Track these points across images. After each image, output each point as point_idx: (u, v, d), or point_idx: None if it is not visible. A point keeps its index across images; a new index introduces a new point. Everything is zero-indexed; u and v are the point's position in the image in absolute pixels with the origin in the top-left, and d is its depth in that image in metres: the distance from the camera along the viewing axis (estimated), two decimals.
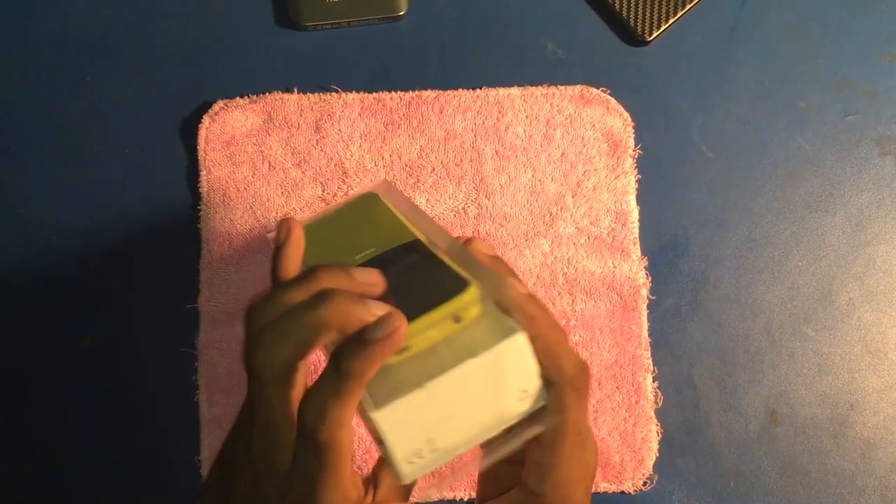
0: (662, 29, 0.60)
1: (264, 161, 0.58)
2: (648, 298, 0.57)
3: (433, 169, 0.58)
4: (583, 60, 0.61)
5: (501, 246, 0.57)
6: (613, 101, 0.59)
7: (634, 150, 0.59)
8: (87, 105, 0.60)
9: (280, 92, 0.59)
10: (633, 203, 0.58)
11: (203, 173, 0.58)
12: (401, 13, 0.60)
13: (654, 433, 0.55)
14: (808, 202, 0.59)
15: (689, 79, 0.61)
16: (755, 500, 0.55)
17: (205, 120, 0.58)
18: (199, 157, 0.58)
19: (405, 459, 0.31)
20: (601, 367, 0.56)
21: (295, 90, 0.59)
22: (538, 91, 0.59)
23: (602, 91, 0.59)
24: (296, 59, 0.61)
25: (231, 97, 0.59)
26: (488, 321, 0.32)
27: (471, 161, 0.58)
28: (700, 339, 0.57)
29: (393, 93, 0.59)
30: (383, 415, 0.30)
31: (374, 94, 0.59)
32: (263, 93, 0.59)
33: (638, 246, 0.58)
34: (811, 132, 0.60)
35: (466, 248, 0.36)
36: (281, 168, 0.58)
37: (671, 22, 0.60)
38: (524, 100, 0.59)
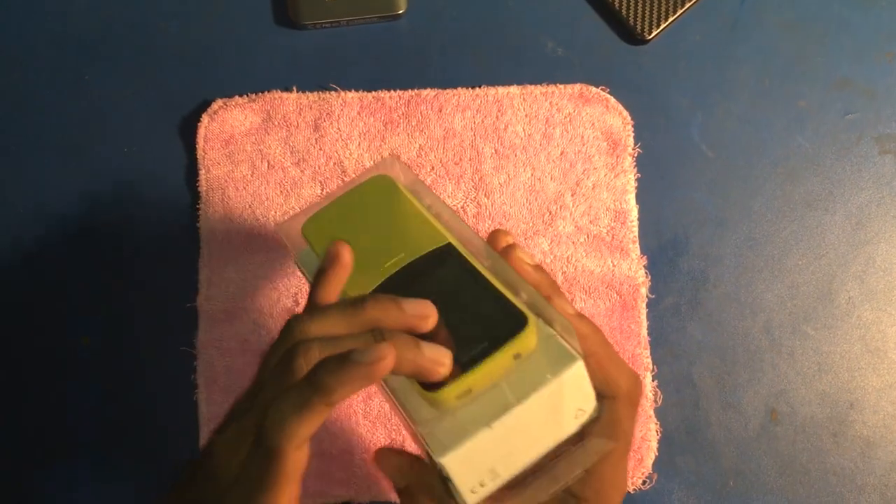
0: (662, 27, 0.60)
1: (263, 160, 0.58)
2: (648, 297, 0.57)
3: (432, 168, 0.58)
4: (582, 59, 0.61)
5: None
6: (613, 100, 0.59)
7: (634, 149, 0.59)
8: (87, 104, 0.60)
9: (279, 91, 0.59)
10: (633, 202, 0.58)
11: (202, 172, 0.58)
12: (400, 12, 0.60)
13: (654, 432, 0.55)
14: (808, 201, 0.59)
15: (689, 77, 0.61)
16: (755, 499, 0.55)
17: (204, 119, 0.58)
18: (199, 156, 0.58)
19: (469, 490, 0.31)
20: None
21: (294, 89, 0.59)
22: (537, 90, 0.59)
23: (601, 90, 0.59)
24: (295, 58, 0.61)
25: (230, 96, 0.59)
26: (544, 348, 0.32)
27: (470, 160, 0.58)
28: (700, 338, 0.57)
29: (392, 91, 0.59)
30: (451, 458, 0.30)
31: (374, 93, 0.59)
32: (262, 91, 0.59)
33: (637, 245, 0.57)
34: (811, 131, 0.60)
35: (504, 258, 0.35)
36: (280, 167, 0.58)
37: (671, 20, 0.60)
38: (523, 98, 0.59)
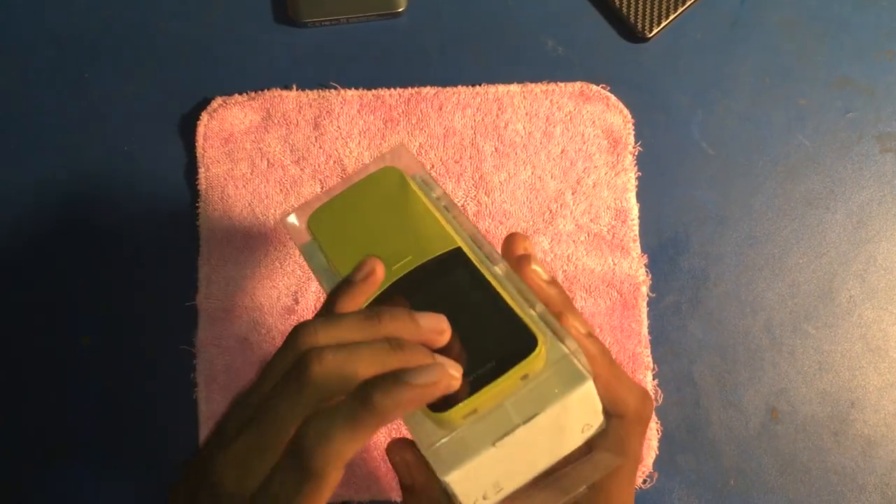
0: (662, 25, 0.60)
1: (263, 158, 0.58)
2: (648, 296, 0.57)
3: (432, 166, 0.58)
4: (583, 57, 0.61)
5: (501, 243, 0.57)
6: (613, 98, 0.59)
7: (634, 147, 0.59)
8: (87, 103, 0.60)
9: (279, 89, 0.59)
10: (633, 200, 0.58)
11: (201, 170, 0.58)
12: (400, 10, 0.60)
13: (655, 431, 0.55)
14: (809, 199, 0.59)
15: (690, 76, 0.61)
16: (755, 498, 0.55)
17: (203, 117, 0.58)
18: (198, 155, 0.58)
19: (473, 503, 0.31)
20: None
21: (294, 87, 0.59)
22: (538, 88, 0.59)
23: (602, 88, 0.59)
24: (295, 56, 0.61)
25: (230, 94, 0.59)
26: (552, 366, 0.31)
27: (470, 158, 0.58)
28: (700, 337, 0.57)
29: (392, 89, 0.59)
30: (455, 476, 0.30)
31: (373, 91, 0.59)
32: (262, 90, 0.59)
33: (638, 243, 0.57)
34: (811, 129, 0.60)
35: (517, 270, 0.34)
36: (280, 165, 0.58)
37: (671, 18, 0.60)
38: (524, 97, 0.59)
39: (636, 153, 0.59)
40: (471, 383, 0.30)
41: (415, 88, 0.59)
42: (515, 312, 0.32)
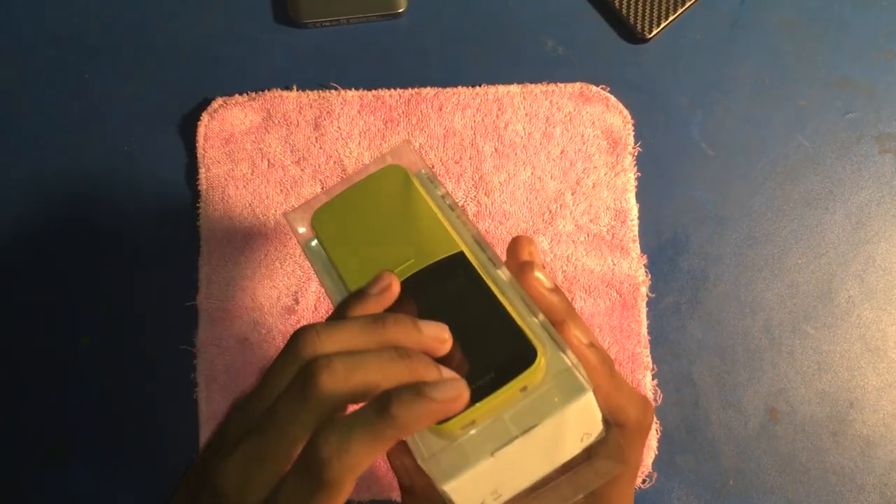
0: (662, 26, 0.60)
1: (263, 158, 0.58)
2: (648, 296, 0.57)
3: (432, 166, 0.58)
4: (582, 58, 0.61)
5: (501, 243, 0.57)
6: (613, 99, 0.59)
7: (634, 148, 0.59)
8: (87, 103, 0.60)
9: (279, 89, 0.59)
10: (633, 201, 0.58)
11: (202, 171, 0.58)
12: (400, 10, 0.60)
13: (654, 431, 0.55)
14: (808, 200, 0.59)
15: (689, 76, 0.61)
16: (754, 498, 0.55)
17: (204, 117, 0.58)
18: (198, 155, 0.58)
19: None
20: None
21: (294, 87, 0.59)
22: (538, 88, 0.59)
23: (602, 89, 0.59)
24: (295, 57, 0.61)
25: (230, 94, 0.59)
26: (552, 377, 0.31)
27: (470, 158, 0.58)
28: (699, 337, 0.57)
29: (392, 90, 0.59)
30: (453, 486, 0.30)
31: (374, 92, 0.59)
32: (262, 90, 0.59)
33: (637, 244, 0.57)
34: (811, 130, 0.60)
35: (520, 277, 0.34)
36: (280, 165, 0.58)
37: (671, 19, 0.60)
38: (524, 97, 0.59)
39: (636, 154, 0.59)
40: (470, 394, 0.30)
41: (415, 89, 0.59)
42: (516, 322, 0.32)
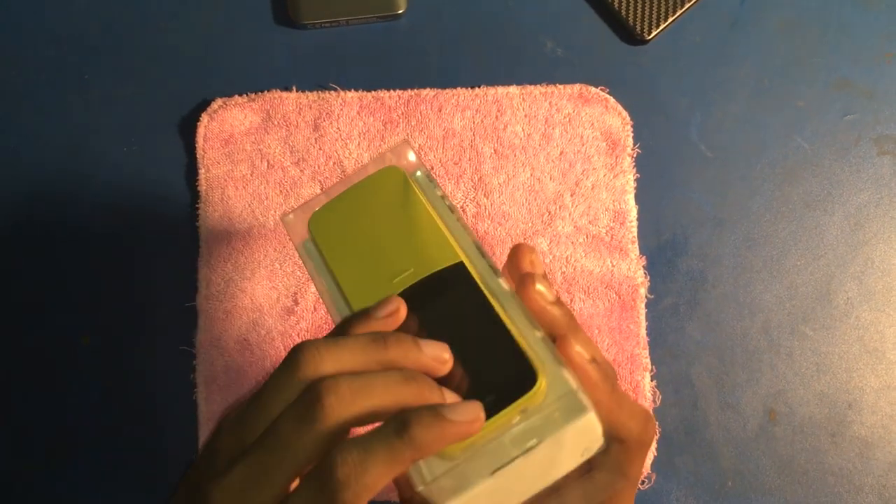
0: (661, 28, 0.60)
1: (263, 159, 0.58)
2: (647, 297, 0.57)
3: (432, 168, 0.58)
4: (582, 59, 0.61)
5: (500, 245, 0.57)
6: (612, 100, 0.59)
7: (633, 149, 0.59)
8: (86, 103, 0.60)
9: (279, 90, 0.59)
10: (632, 202, 0.58)
11: (202, 171, 0.58)
12: (400, 11, 0.60)
13: None
14: (807, 201, 0.59)
15: (688, 78, 0.61)
16: (753, 500, 0.55)
17: (203, 118, 0.59)
18: (198, 156, 0.58)
19: None
20: None
21: (294, 88, 0.59)
22: (537, 90, 0.59)
23: (601, 90, 0.59)
24: (295, 58, 0.61)
25: (230, 95, 0.59)
26: (553, 396, 0.31)
27: (469, 160, 0.58)
28: (698, 339, 0.57)
29: (392, 91, 0.59)
30: None
31: (373, 93, 0.59)
32: (262, 91, 0.59)
33: (636, 245, 0.58)
34: (810, 131, 0.60)
35: (520, 290, 0.33)
36: (279, 166, 0.58)
37: (670, 21, 0.60)
38: (523, 98, 0.59)
39: (635, 155, 0.59)
40: None
41: (414, 90, 0.59)
42: (516, 342, 0.32)
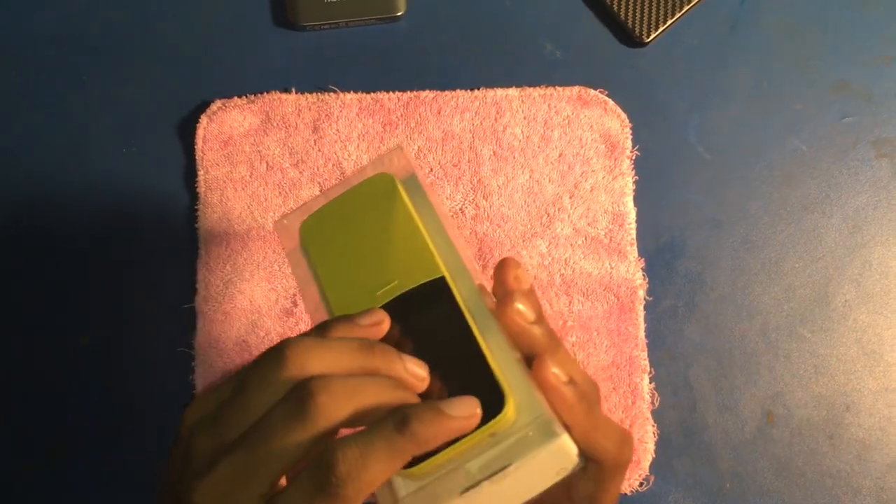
0: (660, 30, 0.60)
1: (262, 161, 0.58)
2: (645, 300, 0.57)
3: (431, 170, 0.58)
4: (581, 61, 0.61)
5: (499, 247, 0.57)
6: (611, 103, 0.59)
7: (632, 152, 0.59)
8: (85, 105, 0.60)
9: (278, 92, 0.59)
10: (631, 204, 0.58)
11: (200, 173, 0.58)
12: (399, 13, 0.60)
13: (651, 434, 0.55)
14: (805, 204, 0.59)
15: (687, 80, 0.61)
16: (751, 502, 0.55)
17: (202, 120, 0.59)
18: (197, 157, 0.58)
19: None
20: (598, 369, 0.56)
21: (293, 90, 0.59)
22: (536, 92, 0.59)
23: (600, 92, 0.59)
24: (294, 59, 0.61)
25: (229, 97, 0.59)
26: (523, 422, 0.31)
27: (468, 162, 0.58)
28: (697, 341, 0.57)
29: (391, 93, 0.59)
30: None
31: (372, 95, 0.59)
32: (261, 93, 0.59)
33: (635, 247, 0.58)
34: (808, 134, 0.60)
35: (501, 308, 0.32)
36: (279, 168, 0.58)
37: (669, 23, 0.60)
38: (522, 101, 0.59)
39: (633, 157, 0.59)
40: None
41: (413, 92, 0.59)
42: (489, 365, 0.32)
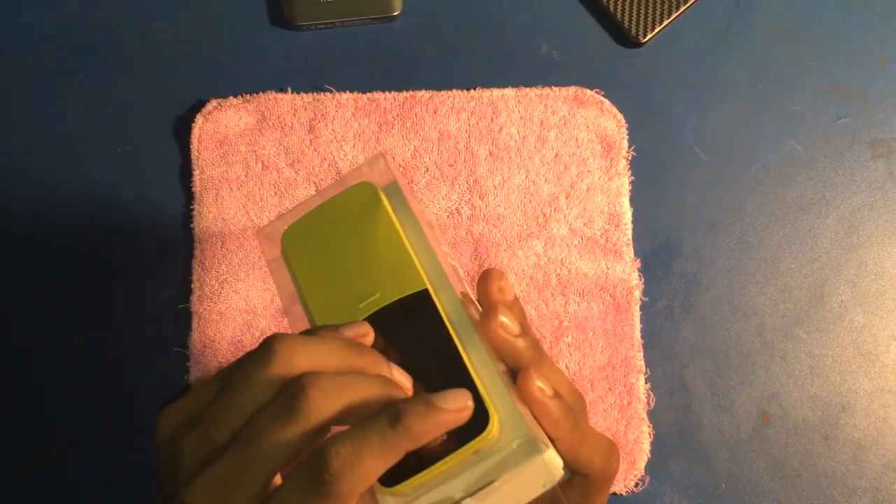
0: (657, 31, 0.60)
1: (257, 161, 0.58)
2: (641, 300, 0.57)
3: (427, 170, 0.58)
4: (577, 62, 0.61)
5: (495, 247, 0.57)
6: (607, 103, 0.59)
7: (628, 152, 0.59)
8: (80, 104, 0.60)
9: (274, 91, 0.59)
10: (627, 204, 0.58)
11: (196, 173, 0.58)
12: (395, 13, 0.60)
13: (646, 435, 0.55)
14: (801, 204, 0.59)
15: (683, 81, 0.61)
16: (746, 502, 0.55)
17: (198, 119, 0.58)
18: (193, 157, 0.58)
19: None
20: (593, 369, 0.56)
21: (289, 90, 0.59)
22: (532, 92, 0.59)
23: (596, 92, 0.59)
24: (290, 59, 0.61)
25: (224, 96, 0.59)
26: (507, 438, 0.31)
27: (464, 162, 0.58)
28: (692, 341, 0.57)
29: (387, 93, 0.59)
30: None
31: (368, 95, 0.59)
32: (257, 92, 0.59)
33: (631, 247, 0.58)
34: (804, 135, 0.60)
35: (483, 322, 0.32)
36: (274, 168, 0.58)
37: (665, 24, 0.60)
38: (518, 101, 0.59)
39: (630, 158, 0.59)
40: (421, 458, 0.30)
41: (409, 92, 0.59)
42: (472, 381, 0.31)
